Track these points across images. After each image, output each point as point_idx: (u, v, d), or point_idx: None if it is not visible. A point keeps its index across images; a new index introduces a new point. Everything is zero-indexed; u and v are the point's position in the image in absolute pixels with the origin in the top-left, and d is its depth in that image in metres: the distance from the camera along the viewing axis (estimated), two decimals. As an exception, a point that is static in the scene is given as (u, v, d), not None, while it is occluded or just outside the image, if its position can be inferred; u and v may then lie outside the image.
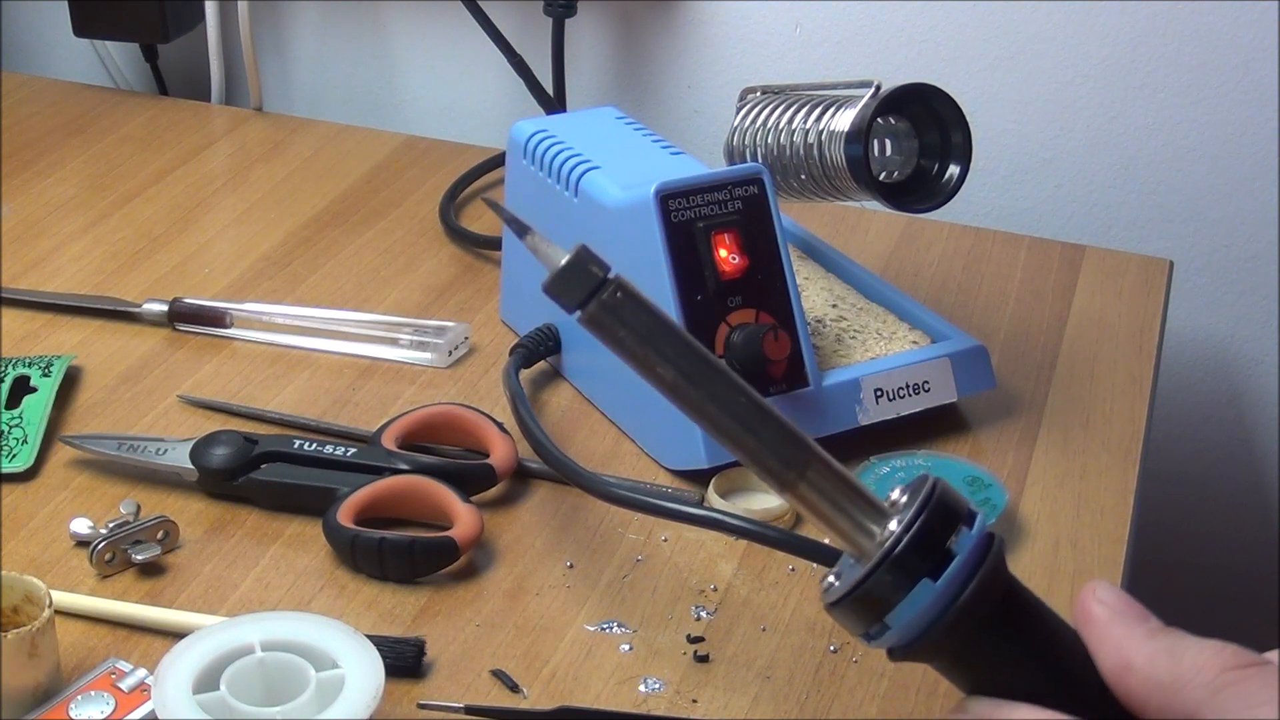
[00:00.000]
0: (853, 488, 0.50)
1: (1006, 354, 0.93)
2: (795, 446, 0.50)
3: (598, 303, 0.49)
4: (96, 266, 1.00)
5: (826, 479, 0.50)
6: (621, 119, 0.90)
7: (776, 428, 0.50)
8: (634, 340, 0.50)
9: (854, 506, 0.50)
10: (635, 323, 0.50)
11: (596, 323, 0.49)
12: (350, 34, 1.30)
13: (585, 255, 0.49)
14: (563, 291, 0.49)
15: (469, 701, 0.65)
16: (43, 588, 0.64)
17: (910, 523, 0.49)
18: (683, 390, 0.50)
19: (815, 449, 0.51)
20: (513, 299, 0.94)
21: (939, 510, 0.49)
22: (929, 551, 0.48)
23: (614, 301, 0.49)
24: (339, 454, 0.78)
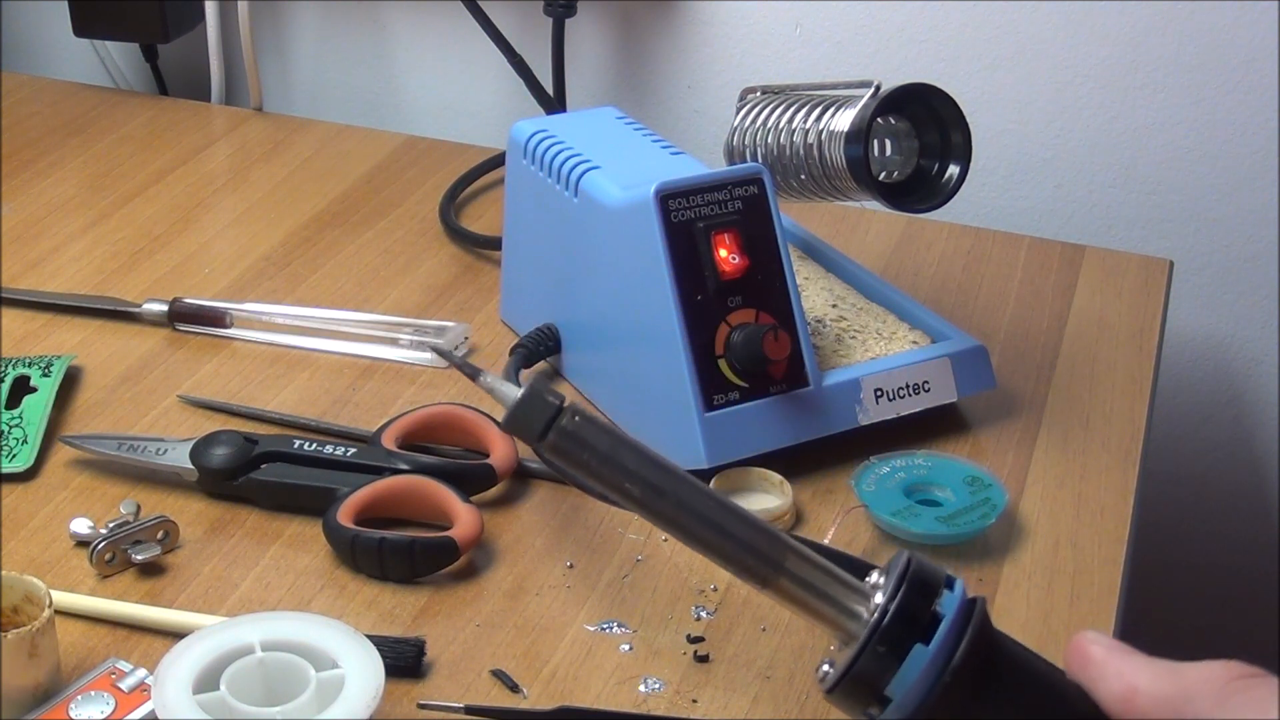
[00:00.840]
0: (831, 575, 0.51)
1: (1006, 354, 0.93)
2: (769, 543, 0.51)
3: (556, 431, 0.50)
4: (96, 266, 1.00)
5: (804, 570, 0.51)
6: (621, 119, 0.90)
7: (748, 527, 0.51)
8: (596, 462, 0.51)
9: (835, 592, 0.51)
10: (595, 445, 0.51)
11: (558, 451, 0.51)
12: (350, 34, 1.30)
13: (538, 388, 0.51)
14: (521, 426, 0.51)
15: (469, 701, 0.65)
16: (43, 588, 0.64)
17: (893, 594, 0.49)
18: (651, 503, 0.51)
19: (789, 542, 0.51)
20: (513, 299, 0.94)
21: (918, 580, 0.50)
22: (915, 620, 0.49)
23: (572, 427, 0.51)
24: (339, 454, 0.78)
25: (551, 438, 0.50)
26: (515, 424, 0.51)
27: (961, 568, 0.75)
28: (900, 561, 0.50)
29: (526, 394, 0.51)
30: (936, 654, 0.49)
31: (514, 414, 0.51)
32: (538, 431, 0.50)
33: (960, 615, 0.49)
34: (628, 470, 0.51)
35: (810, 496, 0.80)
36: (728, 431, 0.79)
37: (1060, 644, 0.71)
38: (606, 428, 0.51)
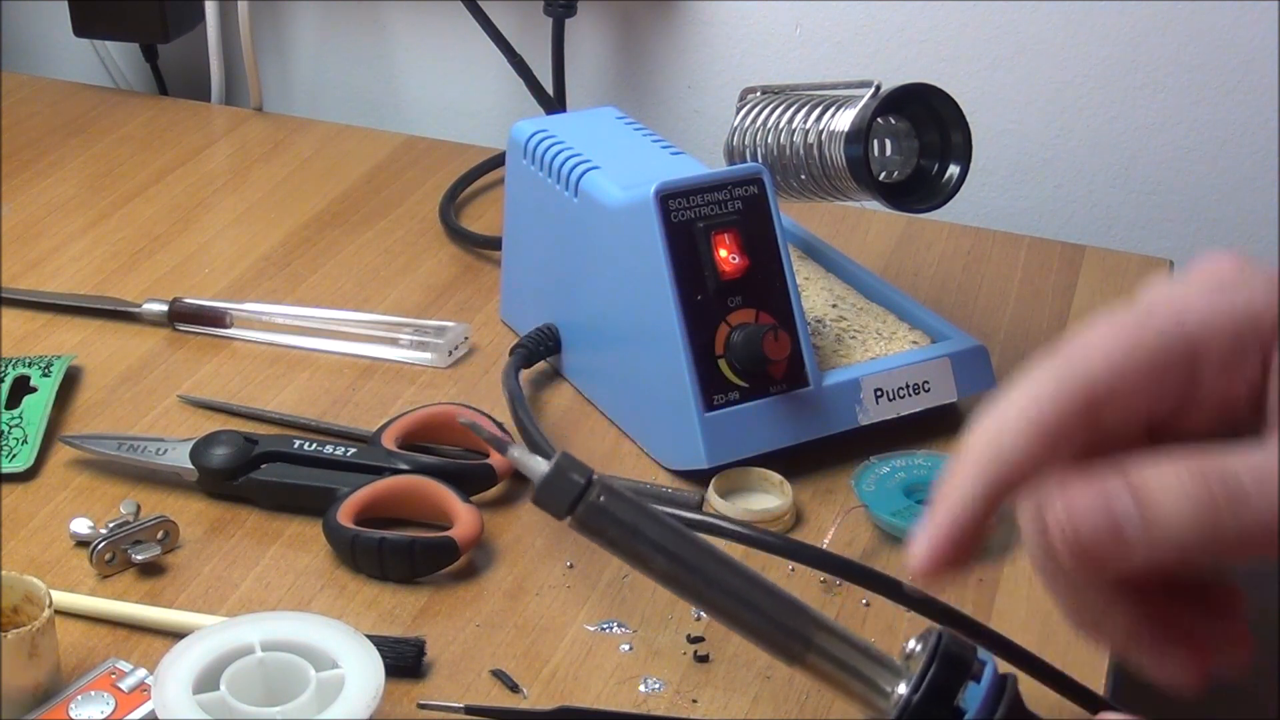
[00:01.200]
0: (861, 650, 0.51)
1: (1006, 354, 0.93)
2: (797, 618, 0.51)
3: (584, 506, 0.50)
4: (96, 266, 1.00)
5: (833, 645, 0.50)
6: (621, 119, 0.90)
7: (776, 602, 0.51)
8: (624, 536, 0.51)
9: (865, 668, 0.50)
10: (623, 519, 0.51)
11: (585, 526, 0.51)
12: (350, 34, 1.30)
13: (566, 463, 0.51)
14: (549, 500, 0.51)
15: (469, 701, 0.65)
16: (43, 588, 0.64)
17: (923, 672, 0.49)
18: (679, 578, 0.51)
19: (818, 617, 0.51)
20: (513, 299, 0.94)
21: (949, 658, 0.49)
22: (946, 699, 0.49)
23: (599, 504, 0.50)
24: (339, 454, 0.78)
25: (579, 513, 0.50)
26: (543, 498, 0.51)
27: (961, 568, 0.75)
28: (931, 639, 0.50)
29: (554, 470, 0.50)
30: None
31: (542, 489, 0.50)
32: (565, 507, 0.50)
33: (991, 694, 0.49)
34: (655, 545, 0.50)
35: (810, 496, 0.80)
36: (728, 431, 0.79)
37: (1060, 644, 0.71)
38: (634, 503, 0.51)
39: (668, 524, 0.51)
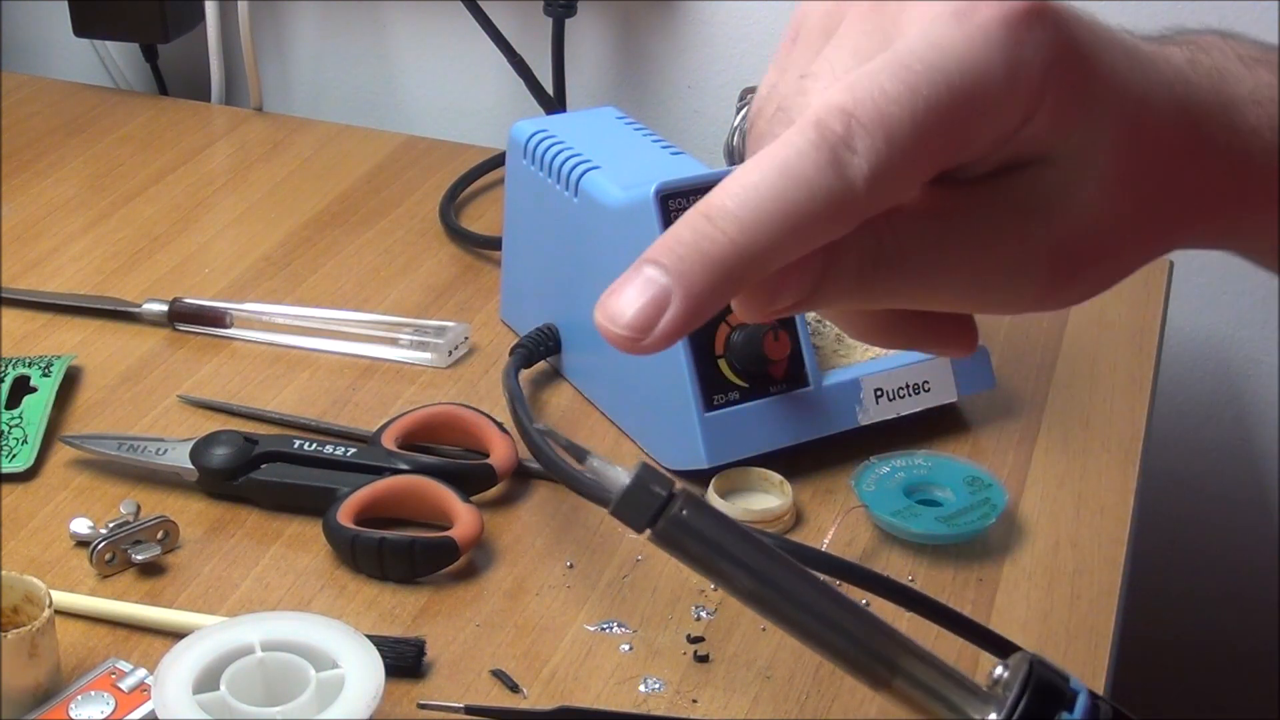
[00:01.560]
0: (949, 676, 0.49)
1: (1006, 354, 0.93)
2: (885, 641, 0.49)
3: (666, 520, 0.48)
4: (96, 266, 1.00)
5: (921, 670, 0.49)
6: (621, 119, 0.90)
7: (863, 624, 0.49)
8: (706, 552, 0.49)
9: (953, 694, 0.49)
10: (706, 534, 0.49)
11: (667, 539, 0.49)
12: (350, 34, 1.30)
13: (647, 474, 0.48)
14: (629, 513, 0.48)
15: (469, 701, 0.65)
16: (43, 588, 0.64)
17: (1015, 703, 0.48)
18: (763, 597, 0.49)
19: (906, 641, 0.50)
20: (513, 299, 0.94)
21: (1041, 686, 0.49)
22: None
23: (682, 517, 0.48)
24: (339, 454, 0.78)
25: (660, 526, 0.49)
26: (623, 511, 0.49)
27: (961, 568, 0.75)
28: (1022, 666, 0.49)
29: (635, 481, 0.49)
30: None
31: (621, 501, 0.49)
32: (646, 520, 0.49)
33: None
34: (739, 562, 0.49)
35: (810, 496, 0.80)
36: (728, 431, 0.79)
37: (1060, 644, 0.71)
38: (718, 516, 0.49)
39: (753, 540, 0.49)
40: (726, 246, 0.39)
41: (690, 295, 0.39)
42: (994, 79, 0.39)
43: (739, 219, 0.39)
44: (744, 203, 0.39)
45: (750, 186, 0.39)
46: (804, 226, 0.39)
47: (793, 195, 0.39)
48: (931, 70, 0.39)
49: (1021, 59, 0.39)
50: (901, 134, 0.39)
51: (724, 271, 0.39)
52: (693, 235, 0.40)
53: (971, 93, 0.39)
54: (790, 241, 0.39)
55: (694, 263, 0.40)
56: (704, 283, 0.39)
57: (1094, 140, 0.41)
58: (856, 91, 0.39)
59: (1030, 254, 0.42)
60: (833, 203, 0.39)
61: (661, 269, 0.40)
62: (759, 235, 0.39)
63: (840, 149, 0.39)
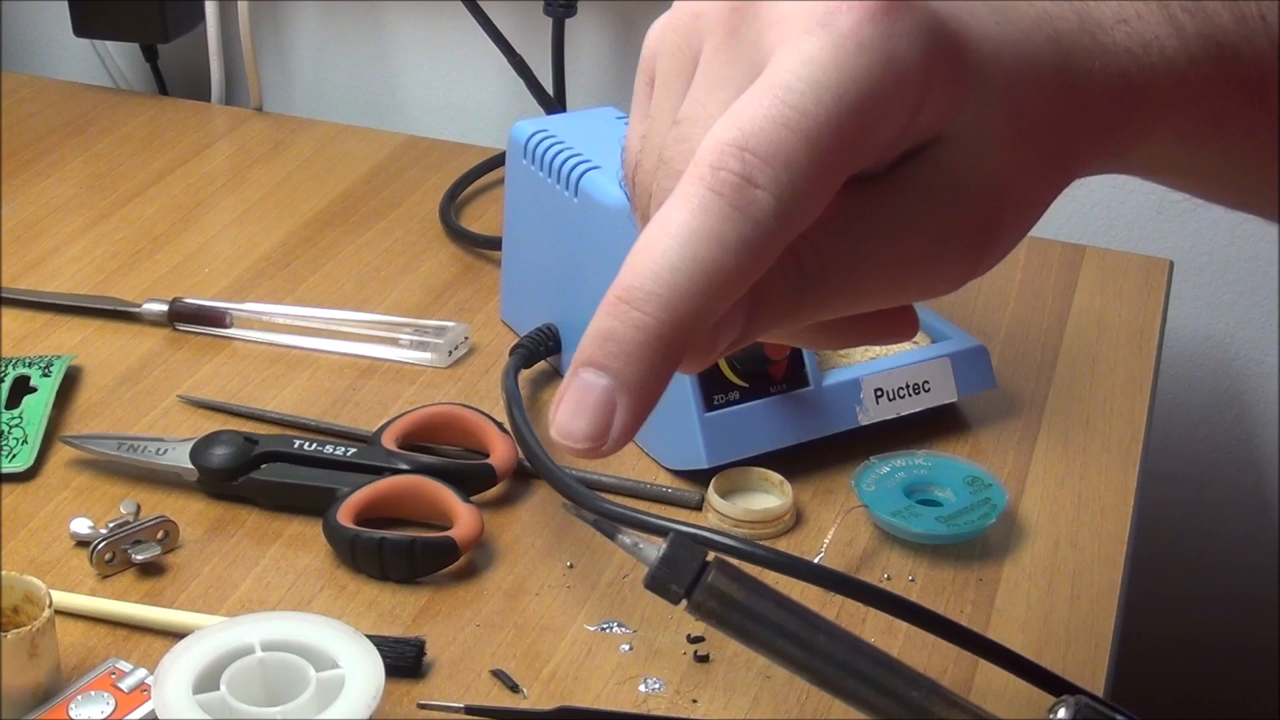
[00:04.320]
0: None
1: (1006, 354, 0.93)
2: (926, 694, 0.49)
3: (703, 589, 0.49)
4: (96, 266, 1.00)
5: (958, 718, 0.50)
6: (621, 119, 0.90)
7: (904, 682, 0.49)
8: (745, 621, 0.49)
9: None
10: (743, 604, 0.49)
11: (703, 610, 0.49)
12: (350, 34, 1.30)
13: (680, 544, 0.49)
14: (664, 585, 0.49)
15: (469, 701, 0.65)
16: (43, 588, 0.64)
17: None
18: (800, 660, 0.49)
19: (948, 694, 0.50)
20: (513, 299, 0.94)
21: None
22: None
23: (719, 584, 0.49)
24: (339, 454, 0.78)
25: (697, 597, 0.49)
26: (658, 584, 0.49)
27: (961, 568, 0.75)
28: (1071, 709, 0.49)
29: (669, 552, 0.48)
30: None
31: (656, 574, 0.49)
32: (682, 591, 0.49)
33: None
34: (778, 628, 0.49)
35: (810, 496, 0.80)
36: (728, 431, 0.79)
37: (1060, 644, 0.71)
38: (754, 584, 0.49)
39: (791, 605, 0.49)
40: (655, 329, 0.38)
41: (633, 389, 0.38)
42: (878, 80, 0.39)
43: (659, 296, 0.38)
44: (659, 278, 0.38)
45: (661, 258, 0.38)
46: (727, 281, 0.38)
47: (706, 254, 0.38)
48: (815, 87, 0.38)
49: (898, 53, 0.39)
50: (799, 158, 0.38)
51: (660, 353, 0.38)
52: (620, 326, 0.38)
53: (860, 99, 0.38)
54: (717, 300, 0.38)
55: (628, 357, 0.38)
56: (643, 372, 0.38)
57: (982, 108, 0.41)
58: (743, 124, 0.38)
59: (949, 230, 0.42)
60: (748, 248, 0.38)
61: (597, 371, 0.39)
62: (685, 306, 0.38)
63: (742, 189, 0.38)
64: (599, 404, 0.39)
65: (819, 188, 0.39)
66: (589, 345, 0.39)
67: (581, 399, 0.39)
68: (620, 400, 0.39)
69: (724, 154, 0.38)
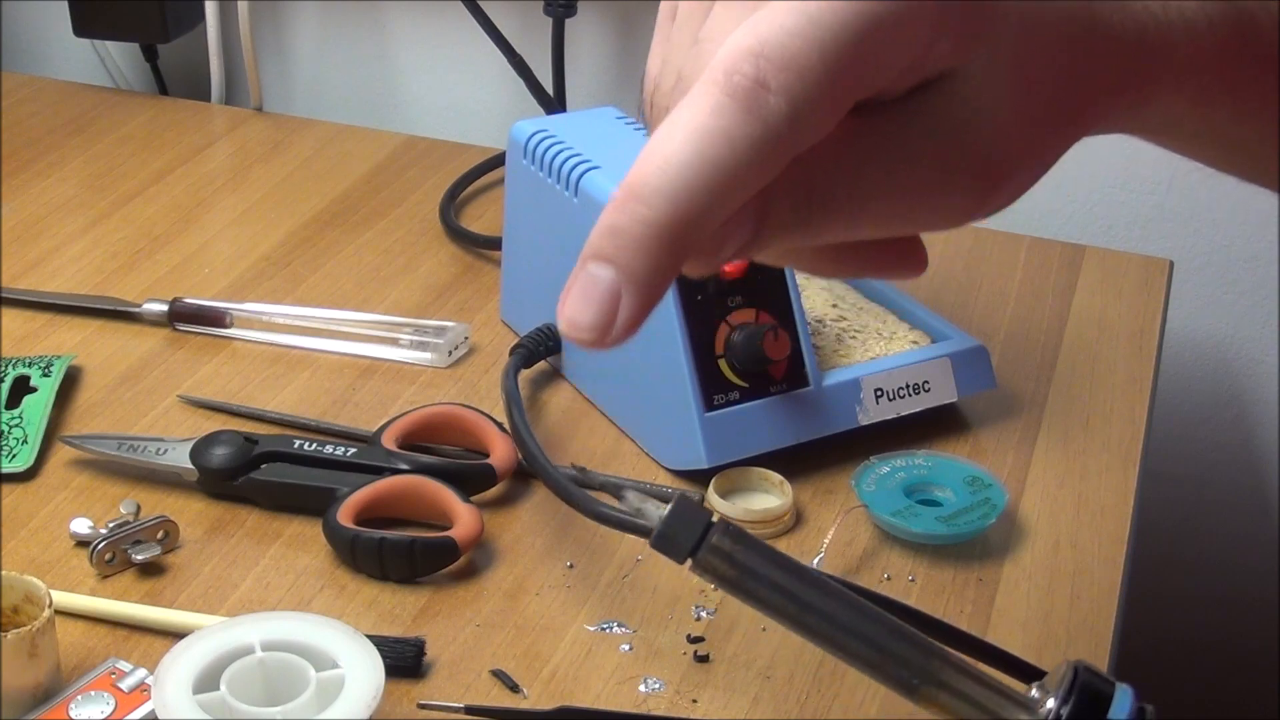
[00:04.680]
0: (989, 686, 0.50)
1: (1006, 354, 0.93)
2: (924, 654, 0.50)
3: (707, 548, 0.50)
4: (96, 266, 1.00)
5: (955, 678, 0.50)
6: (621, 119, 0.90)
7: (899, 640, 0.50)
8: (744, 578, 0.50)
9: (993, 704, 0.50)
10: (745, 562, 0.50)
11: (708, 568, 0.50)
12: (350, 34, 1.30)
13: (685, 505, 0.50)
14: (669, 544, 0.50)
15: (469, 701, 0.66)
16: (43, 588, 0.64)
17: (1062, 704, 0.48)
18: (801, 619, 0.50)
19: (946, 654, 0.50)
20: (513, 299, 0.94)
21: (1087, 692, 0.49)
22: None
23: (722, 545, 0.50)
24: (339, 454, 0.78)
25: (701, 556, 0.50)
26: (663, 543, 0.50)
27: (961, 568, 0.75)
28: (1068, 672, 0.49)
29: (674, 512, 0.50)
30: None
31: (661, 534, 0.50)
32: (687, 550, 0.50)
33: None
34: (777, 586, 0.50)
35: (810, 496, 0.80)
36: (728, 431, 0.79)
37: (1060, 644, 0.71)
38: (757, 544, 0.50)
39: (790, 565, 0.50)
40: (660, 223, 0.39)
41: (638, 282, 0.39)
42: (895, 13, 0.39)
43: (665, 191, 0.38)
44: (665, 174, 0.39)
45: (671, 156, 0.39)
46: (733, 181, 0.38)
47: (713, 153, 0.38)
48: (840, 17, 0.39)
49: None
50: (814, 67, 0.38)
51: (665, 248, 0.39)
52: (626, 221, 0.39)
53: (877, 19, 0.39)
54: (722, 199, 0.39)
55: (634, 251, 0.39)
56: (648, 266, 0.39)
57: (996, 48, 0.42)
58: (760, 32, 0.38)
59: (954, 164, 0.42)
60: (755, 149, 0.38)
61: (603, 263, 0.40)
62: (690, 202, 0.38)
63: (756, 92, 0.38)
64: (605, 295, 0.39)
65: (830, 100, 0.39)
66: (596, 239, 0.40)
67: (588, 291, 0.40)
68: (625, 292, 0.39)
69: (739, 59, 0.38)
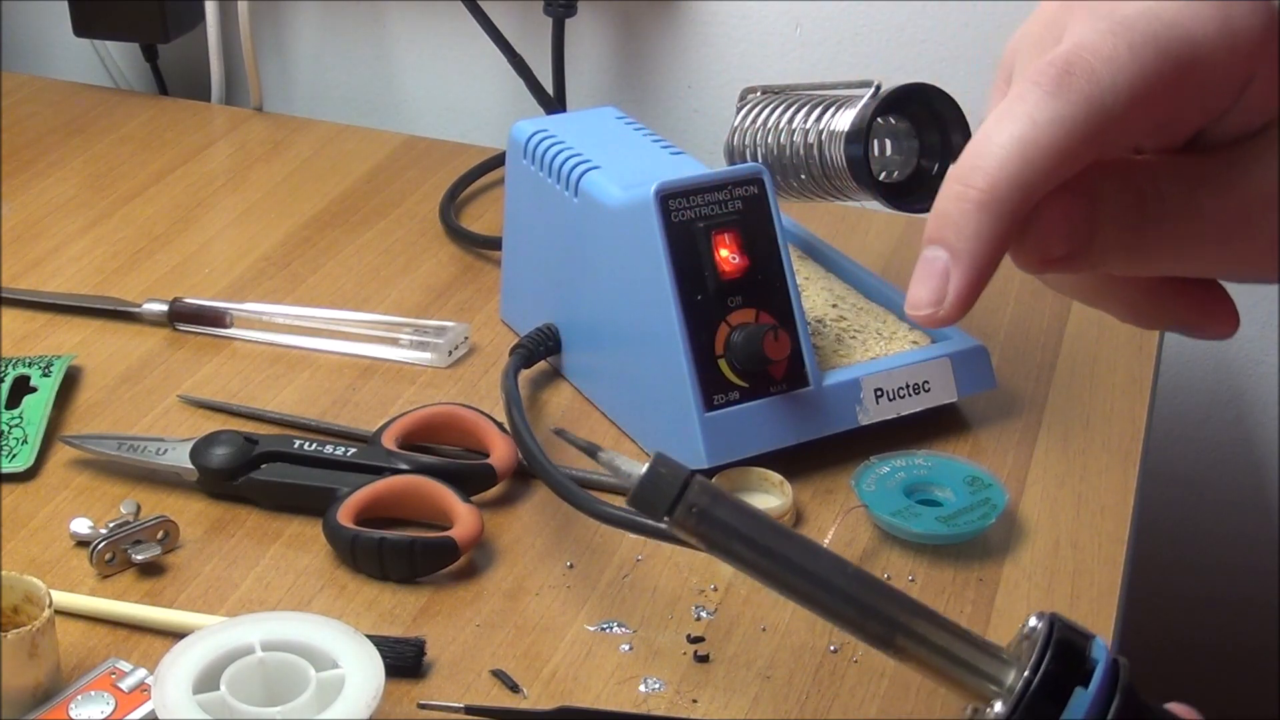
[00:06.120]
0: (962, 636, 0.51)
1: (1006, 354, 0.93)
2: (900, 610, 0.51)
3: (682, 507, 0.50)
4: (96, 266, 1.00)
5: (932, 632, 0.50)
6: (621, 119, 0.90)
7: (876, 594, 0.51)
8: (721, 536, 0.51)
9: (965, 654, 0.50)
10: (721, 519, 0.51)
11: (683, 526, 0.51)
12: (350, 34, 1.30)
13: (661, 464, 0.50)
14: (645, 502, 0.50)
15: (469, 701, 0.66)
16: (43, 588, 0.64)
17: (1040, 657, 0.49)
18: (776, 575, 0.51)
19: (922, 608, 0.51)
20: (513, 299, 0.94)
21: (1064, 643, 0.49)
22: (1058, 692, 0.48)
23: (698, 502, 0.50)
24: (339, 454, 0.78)
25: (678, 514, 0.50)
26: (639, 501, 0.51)
27: (961, 568, 0.75)
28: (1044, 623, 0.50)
29: (650, 471, 0.50)
30: None
31: (637, 492, 0.50)
32: (663, 508, 0.50)
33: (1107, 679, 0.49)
34: (753, 543, 0.51)
35: (810, 496, 0.80)
36: (728, 431, 0.79)
37: (1060, 644, 0.71)
38: (735, 503, 0.51)
39: (765, 522, 0.51)
40: (976, 199, 0.42)
41: (962, 256, 0.43)
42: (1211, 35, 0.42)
43: (978, 169, 0.42)
44: (978, 154, 0.42)
45: (981, 141, 0.43)
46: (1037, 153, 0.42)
47: (1019, 130, 0.42)
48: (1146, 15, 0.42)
49: (1236, 17, 0.42)
50: (1121, 59, 0.41)
51: (984, 221, 0.42)
52: (950, 203, 0.43)
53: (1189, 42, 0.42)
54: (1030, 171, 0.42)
55: (956, 227, 0.43)
56: (969, 239, 0.43)
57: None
58: (1076, 38, 0.42)
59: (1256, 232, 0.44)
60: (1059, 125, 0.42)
61: (933, 245, 0.44)
62: (1001, 174, 0.42)
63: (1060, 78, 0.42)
64: (936, 273, 0.43)
65: (1134, 96, 0.42)
66: (929, 226, 0.44)
67: (922, 272, 0.44)
68: (953, 269, 0.43)
69: (1059, 55, 0.42)
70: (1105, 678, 0.49)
